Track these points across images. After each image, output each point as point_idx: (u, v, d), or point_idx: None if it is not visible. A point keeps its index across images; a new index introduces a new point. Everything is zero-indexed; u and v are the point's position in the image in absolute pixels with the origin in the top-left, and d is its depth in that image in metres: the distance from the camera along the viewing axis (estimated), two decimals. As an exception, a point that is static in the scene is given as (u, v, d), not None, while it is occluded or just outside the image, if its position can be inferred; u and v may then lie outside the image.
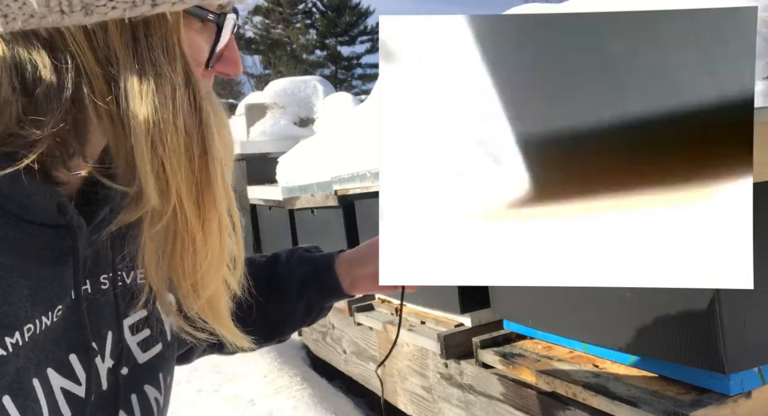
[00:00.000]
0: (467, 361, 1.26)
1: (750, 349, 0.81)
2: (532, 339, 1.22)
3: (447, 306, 1.36)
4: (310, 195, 2.16)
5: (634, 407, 0.85)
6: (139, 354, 0.66)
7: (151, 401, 0.67)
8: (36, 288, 0.53)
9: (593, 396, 0.92)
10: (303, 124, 4.03)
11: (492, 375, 1.17)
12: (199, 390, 2.56)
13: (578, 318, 1.02)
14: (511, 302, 1.21)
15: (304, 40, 27.12)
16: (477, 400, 1.23)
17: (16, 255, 0.51)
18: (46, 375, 0.54)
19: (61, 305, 0.55)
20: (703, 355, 0.81)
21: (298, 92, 4.18)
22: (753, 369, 0.83)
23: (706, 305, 0.80)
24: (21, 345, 0.51)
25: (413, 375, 1.50)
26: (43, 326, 0.53)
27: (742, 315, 0.80)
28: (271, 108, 4.03)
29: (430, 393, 1.43)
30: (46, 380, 0.54)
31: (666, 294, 0.85)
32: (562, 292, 1.05)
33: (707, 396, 0.83)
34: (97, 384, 0.60)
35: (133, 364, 0.65)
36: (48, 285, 0.54)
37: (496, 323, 1.30)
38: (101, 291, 0.61)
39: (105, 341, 0.62)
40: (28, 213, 0.51)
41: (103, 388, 0.61)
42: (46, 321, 0.54)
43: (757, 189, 0.79)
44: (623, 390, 0.90)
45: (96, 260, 0.61)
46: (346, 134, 2.43)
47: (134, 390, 0.65)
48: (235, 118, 4.16)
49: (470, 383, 1.24)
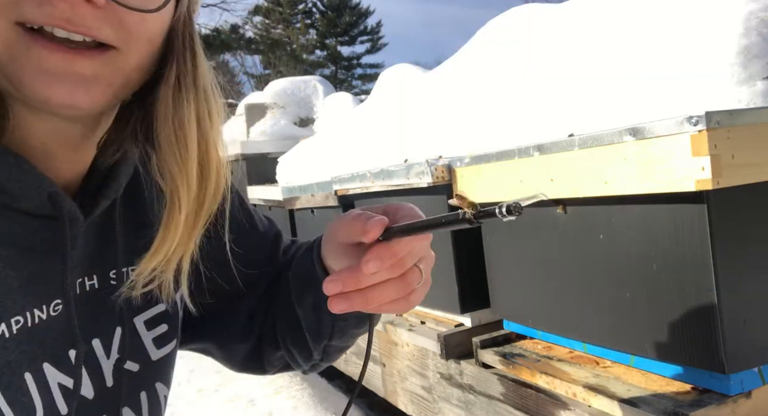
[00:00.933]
0: (467, 361, 1.26)
1: (750, 349, 0.81)
2: (532, 339, 1.22)
3: (447, 306, 1.36)
4: (310, 195, 2.16)
5: (634, 407, 0.85)
6: (153, 351, 0.65)
7: (161, 398, 0.66)
8: (28, 280, 0.52)
9: (593, 396, 0.92)
10: (303, 124, 4.03)
11: (492, 375, 1.17)
12: (199, 390, 2.56)
13: (578, 318, 1.02)
14: (511, 302, 1.21)
15: (304, 40, 27.13)
16: (477, 400, 1.23)
17: (2, 245, 0.51)
18: (41, 369, 0.53)
19: (60, 299, 0.55)
20: (703, 355, 0.81)
21: (298, 92, 4.18)
22: (753, 369, 0.83)
23: (706, 305, 0.80)
24: (8, 337, 0.50)
25: (413, 375, 1.50)
26: (36, 319, 0.52)
27: (742, 315, 0.80)
28: (271, 108, 4.03)
29: (430, 393, 1.43)
30: (41, 375, 0.53)
31: (666, 295, 0.85)
32: (562, 292, 1.05)
33: (707, 396, 0.83)
34: (99, 381, 0.59)
35: (145, 361, 0.64)
36: (42, 278, 0.53)
37: (496, 323, 1.30)
38: (109, 287, 0.61)
39: (112, 337, 0.61)
40: (16, 201, 0.51)
41: (107, 385, 0.60)
42: (40, 315, 0.53)
43: (757, 189, 0.80)
44: (623, 390, 0.90)
45: (102, 254, 0.60)
46: (346, 134, 2.43)
47: (144, 387, 0.64)
48: (235, 118, 4.16)
49: (470, 383, 1.24)
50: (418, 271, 0.56)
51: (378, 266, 0.52)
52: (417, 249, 0.56)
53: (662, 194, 0.80)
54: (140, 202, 0.65)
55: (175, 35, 0.56)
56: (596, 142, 0.89)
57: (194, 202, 0.58)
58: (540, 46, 1.48)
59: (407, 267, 0.55)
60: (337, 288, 0.54)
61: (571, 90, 1.19)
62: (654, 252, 0.86)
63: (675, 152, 0.77)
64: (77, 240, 0.56)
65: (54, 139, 0.54)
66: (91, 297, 0.59)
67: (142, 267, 0.58)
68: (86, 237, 0.58)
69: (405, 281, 0.55)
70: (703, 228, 0.78)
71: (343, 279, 0.54)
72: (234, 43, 22.41)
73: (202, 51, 0.59)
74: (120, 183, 0.60)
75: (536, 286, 1.12)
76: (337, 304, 0.54)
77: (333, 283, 0.54)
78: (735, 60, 0.89)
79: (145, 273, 0.58)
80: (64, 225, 0.53)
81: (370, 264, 0.52)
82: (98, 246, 0.60)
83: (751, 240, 0.81)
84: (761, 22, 0.91)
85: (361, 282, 0.54)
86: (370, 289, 0.55)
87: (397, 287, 0.55)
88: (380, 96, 2.67)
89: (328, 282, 0.54)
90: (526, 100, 1.32)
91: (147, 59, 0.53)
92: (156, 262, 0.57)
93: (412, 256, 0.55)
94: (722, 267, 0.78)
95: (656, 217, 0.85)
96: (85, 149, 0.57)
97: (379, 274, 0.54)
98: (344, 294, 0.54)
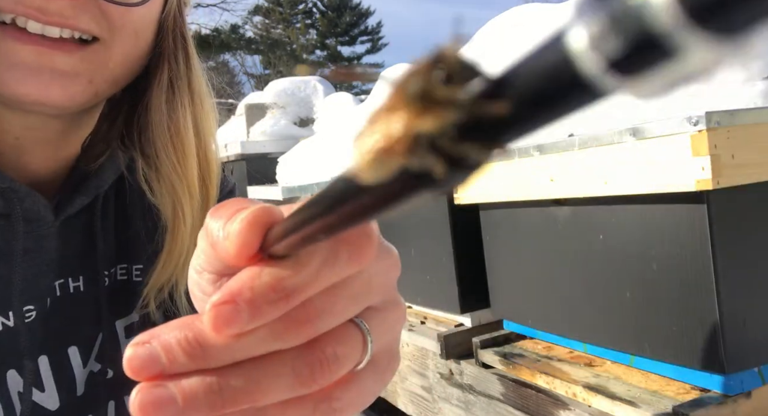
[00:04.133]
0: (467, 361, 1.26)
1: (750, 349, 0.81)
2: (532, 339, 1.21)
3: (447, 306, 1.36)
4: (310, 195, 2.16)
5: (634, 407, 0.85)
6: None
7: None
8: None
9: (593, 396, 0.92)
10: (303, 124, 4.03)
11: (492, 375, 1.16)
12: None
13: (578, 318, 1.02)
14: (511, 302, 1.21)
15: (304, 40, 27.13)
16: (477, 400, 1.23)
17: None
18: (5, 378, 0.50)
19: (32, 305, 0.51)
20: (703, 355, 0.81)
21: (298, 92, 4.18)
22: (753, 369, 0.83)
23: (706, 305, 0.80)
24: None
25: (413, 375, 1.50)
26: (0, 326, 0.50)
27: (742, 315, 0.80)
28: (271, 108, 4.03)
29: (430, 393, 1.43)
30: (3, 383, 0.50)
31: (666, 294, 0.85)
32: (562, 292, 1.05)
33: (707, 396, 0.83)
34: (68, 391, 0.55)
35: (119, 369, 0.59)
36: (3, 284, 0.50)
37: (496, 323, 1.30)
38: (98, 287, 0.58)
39: (94, 342, 0.58)
40: None
41: (77, 394, 0.56)
42: (5, 322, 0.50)
43: (757, 189, 0.80)
44: (623, 390, 0.90)
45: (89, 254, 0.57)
46: (346, 134, 2.43)
47: (113, 397, 0.60)
48: (235, 118, 4.16)
49: (470, 383, 1.24)
50: (353, 334, 0.27)
51: (236, 319, 0.23)
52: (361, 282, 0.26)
53: (662, 194, 0.80)
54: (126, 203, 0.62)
55: (165, 33, 0.52)
56: (596, 142, 0.89)
57: (199, 211, 0.55)
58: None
59: (321, 325, 0.25)
60: (151, 365, 0.24)
61: (571, 90, 1.19)
62: (654, 252, 0.86)
63: (675, 152, 0.77)
64: (45, 240, 0.52)
65: (29, 135, 0.50)
66: (75, 300, 0.56)
67: (153, 282, 0.55)
68: (63, 238, 0.55)
69: (315, 358, 0.25)
70: (703, 228, 0.78)
71: (163, 343, 0.24)
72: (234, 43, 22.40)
73: (196, 51, 0.56)
74: (102, 180, 0.56)
75: (536, 286, 1.12)
76: (147, 407, 0.23)
77: (140, 352, 0.24)
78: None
79: (156, 287, 0.56)
80: (15, 224, 0.50)
81: (220, 312, 0.23)
82: (83, 246, 0.57)
83: (751, 240, 0.81)
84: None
85: (206, 354, 0.24)
86: (227, 373, 0.24)
87: (292, 372, 0.25)
88: (380, 96, 2.67)
89: (129, 351, 0.25)
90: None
91: (133, 54, 0.50)
92: (166, 276, 0.55)
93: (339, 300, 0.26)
94: (722, 267, 0.78)
95: (656, 217, 0.85)
96: (64, 147, 0.54)
97: (247, 341, 0.24)
98: (167, 383, 0.24)
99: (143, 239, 0.60)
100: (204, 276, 0.29)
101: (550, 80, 0.11)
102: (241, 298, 0.23)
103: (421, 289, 1.40)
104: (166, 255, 0.55)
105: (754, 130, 0.77)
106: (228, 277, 0.26)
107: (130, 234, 0.59)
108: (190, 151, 0.54)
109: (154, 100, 0.53)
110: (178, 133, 0.53)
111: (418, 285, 1.39)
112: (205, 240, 0.27)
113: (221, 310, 0.23)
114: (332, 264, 0.24)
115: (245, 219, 0.24)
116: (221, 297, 0.23)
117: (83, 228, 0.57)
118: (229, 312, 0.23)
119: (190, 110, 0.54)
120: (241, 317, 0.23)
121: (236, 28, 23.19)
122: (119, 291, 0.60)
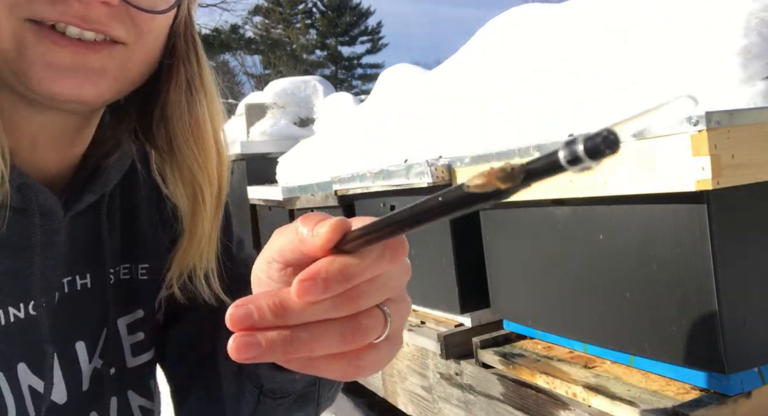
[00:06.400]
0: (467, 361, 1.26)
1: (750, 349, 0.81)
2: (532, 339, 1.21)
3: (447, 306, 1.36)
4: (310, 195, 2.16)
5: (634, 407, 0.85)
6: (129, 358, 0.63)
7: (133, 408, 0.63)
8: (3, 276, 0.51)
9: (593, 396, 0.92)
10: (303, 124, 4.03)
11: (492, 375, 1.16)
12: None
13: (578, 318, 1.02)
14: (511, 302, 1.21)
15: (304, 40, 27.14)
16: (477, 400, 1.23)
17: None
18: (15, 370, 0.52)
19: (43, 298, 0.53)
20: (703, 355, 0.81)
21: (298, 92, 4.18)
22: (753, 369, 0.83)
23: (706, 305, 0.80)
24: None
25: (413, 375, 1.50)
26: (11, 318, 0.51)
27: (742, 315, 0.80)
28: (271, 108, 4.03)
29: (430, 393, 1.43)
30: (14, 375, 0.51)
31: (666, 294, 0.85)
32: (562, 292, 1.05)
33: (707, 396, 0.83)
34: (75, 385, 0.57)
35: (120, 366, 0.62)
36: (20, 275, 0.52)
37: (496, 323, 1.30)
38: (107, 285, 0.59)
39: (99, 339, 0.59)
40: None
41: (83, 389, 0.58)
42: (16, 313, 0.51)
43: (757, 189, 0.80)
44: (623, 390, 0.90)
45: (97, 252, 0.59)
46: (346, 134, 2.43)
47: (116, 393, 0.61)
48: (235, 118, 4.16)
49: (470, 383, 1.24)
50: (380, 315, 0.37)
51: (314, 290, 0.33)
52: (385, 279, 0.36)
53: (662, 194, 0.80)
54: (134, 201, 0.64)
55: (178, 36, 0.56)
56: (596, 142, 0.89)
57: (215, 198, 0.59)
58: (540, 46, 1.48)
59: (362, 304, 0.35)
60: (245, 319, 0.34)
61: (571, 90, 1.19)
62: (654, 252, 0.86)
63: (675, 152, 0.77)
64: (56, 235, 0.54)
65: (45, 132, 0.53)
66: (82, 297, 0.57)
67: (175, 266, 0.58)
68: (71, 233, 0.56)
69: (355, 326, 0.35)
70: (703, 228, 0.78)
71: (257, 305, 0.34)
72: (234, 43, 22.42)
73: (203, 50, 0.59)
74: (109, 178, 0.59)
75: (536, 286, 1.12)
76: (241, 348, 0.34)
77: (239, 312, 0.34)
78: (735, 60, 0.89)
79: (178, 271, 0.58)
80: (33, 218, 0.52)
81: (304, 285, 0.33)
82: (89, 243, 0.58)
83: (751, 240, 0.81)
84: (761, 22, 0.91)
85: (286, 314, 0.34)
86: (297, 330, 0.35)
87: (340, 334, 0.35)
88: (380, 96, 2.68)
89: (231, 310, 0.35)
90: (527, 100, 1.32)
91: (151, 57, 0.54)
92: (187, 260, 0.58)
93: (376, 288, 0.36)
94: (722, 267, 0.78)
95: (656, 217, 0.85)
96: (76, 144, 0.57)
97: (315, 308, 0.34)
98: (256, 333, 0.34)
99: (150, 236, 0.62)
100: (273, 265, 0.39)
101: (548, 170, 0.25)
102: (319, 277, 0.33)
103: (421, 289, 1.40)
104: (187, 240, 0.58)
105: (753, 130, 0.77)
106: (292, 268, 0.38)
107: (135, 232, 0.61)
108: (209, 144, 0.58)
109: (173, 99, 0.57)
110: (198, 127, 0.57)
111: (419, 285, 1.39)
112: (286, 237, 0.37)
113: (305, 284, 0.33)
114: (378, 261, 0.35)
115: (331, 225, 0.34)
116: (306, 274, 0.34)
117: (90, 225, 0.59)
118: (309, 285, 0.33)
119: (206, 106, 0.58)
120: (317, 289, 0.33)
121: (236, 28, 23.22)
122: (123, 289, 0.62)
